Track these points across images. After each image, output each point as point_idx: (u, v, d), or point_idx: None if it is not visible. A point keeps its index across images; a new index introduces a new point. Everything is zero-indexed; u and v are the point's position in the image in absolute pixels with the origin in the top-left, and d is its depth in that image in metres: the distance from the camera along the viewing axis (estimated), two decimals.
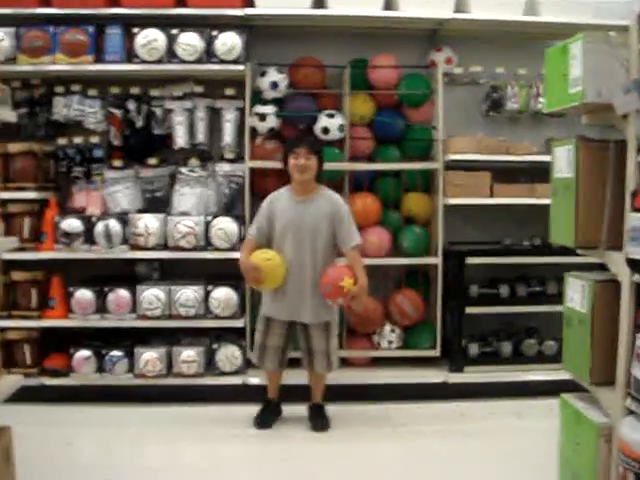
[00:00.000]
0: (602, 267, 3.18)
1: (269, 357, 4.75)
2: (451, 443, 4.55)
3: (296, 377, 4.92)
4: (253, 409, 4.84)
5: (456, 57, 5.63)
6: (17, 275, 5.21)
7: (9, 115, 3.35)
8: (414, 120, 5.50)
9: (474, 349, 5.47)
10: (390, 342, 5.46)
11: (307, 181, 4.63)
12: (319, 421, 4.77)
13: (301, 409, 4.88)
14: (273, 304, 4.68)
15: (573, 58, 2.88)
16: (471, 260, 5.31)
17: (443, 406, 5.19)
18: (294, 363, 4.90)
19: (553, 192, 3.24)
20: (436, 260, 5.39)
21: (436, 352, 5.46)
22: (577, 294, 3.08)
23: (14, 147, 5.20)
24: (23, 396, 3.70)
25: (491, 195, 5.42)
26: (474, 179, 5.41)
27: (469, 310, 5.38)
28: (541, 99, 5.56)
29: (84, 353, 5.16)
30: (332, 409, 4.94)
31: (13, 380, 3.33)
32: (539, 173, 5.24)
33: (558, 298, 5.12)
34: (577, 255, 3.25)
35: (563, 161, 3.10)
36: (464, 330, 5.44)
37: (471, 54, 5.68)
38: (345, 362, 5.54)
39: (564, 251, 3.43)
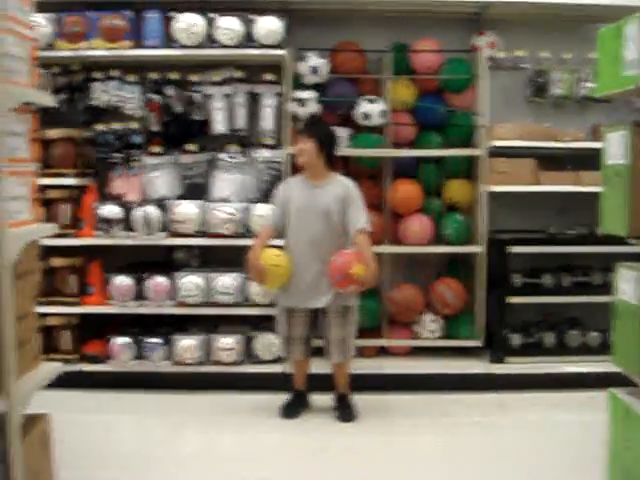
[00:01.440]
0: None
1: (296, 347, 4.72)
2: (491, 435, 4.48)
3: (325, 367, 4.84)
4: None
5: (500, 41, 5.53)
6: (56, 261, 5.22)
7: (48, 100, 3.32)
8: (456, 106, 5.41)
9: (516, 339, 5.38)
10: (431, 331, 5.39)
11: (310, 165, 4.61)
12: (344, 411, 4.73)
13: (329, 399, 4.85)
14: (291, 293, 4.64)
15: (628, 40, 2.77)
16: (514, 249, 5.21)
17: (484, 397, 5.12)
18: (320, 352, 4.83)
19: (604, 179, 3.12)
20: (478, 249, 5.30)
21: (477, 342, 5.38)
22: (629, 285, 2.97)
23: (53, 133, 5.21)
24: (62, 382, 3.69)
25: (535, 182, 5.31)
26: (518, 166, 5.32)
27: (511, 300, 5.28)
28: (587, 84, 5.46)
29: (122, 340, 5.16)
30: (370, 398, 4.89)
31: (52, 367, 3.31)
32: (585, 160, 5.15)
33: (603, 288, 5.11)
34: (624, 244, 3.14)
35: (616, 147, 2.99)
36: (506, 320, 5.35)
37: (515, 38, 5.57)
38: (385, 351, 5.50)
39: (610, 240, 3.32)
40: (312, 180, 4.63)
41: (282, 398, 4.83)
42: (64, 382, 3.84)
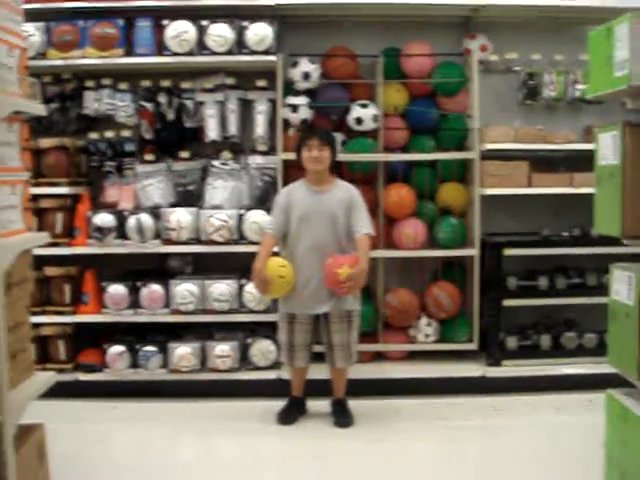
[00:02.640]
0: None
1: (298, 355, 4.70)
2: (489, 438, 4.47)
3: (321, 372, 4.84)
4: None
5: (491, 44, 5.54)
6: (50, 271, 5.21)
7: (39, 109, 3.32)
8: (449, 109, 5.40)
9: (512, 342, 5.37)
10: (427, 335, 5.38)
11: (321, 172, 4.61)
12: (341, 416, 4.72)
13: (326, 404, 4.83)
14: (293, 300, 4.62)
15: (619, 40, 2.77)
16: (509, 251, 5.21)
17: (480, 400, 5.11)
18: (317, 357, 4.84)
19: (597, 180, 3.13)
20: (473, 252, 5.29)
21: (473, 345, 5.37)
22: (623, 286, 2.97)
23: (46, 142, 5.20)
24: (57, 391, 3.68)
25: (529, 185, 5.32)
26: (511, 169, 5.31)
27: (507, 302, 5.28)
28: (579, 86, 5.46)
29: (118, 348, 5.15)
30: (367, 403, 4.89)
31: (47, 377, 3.30)
32: (578, 162, 5.16)
33: (598, 290, 5.12)
34: (618, 245, 3.14)
35: (608, 148, 2.99)
36: (502, 323, 5.34)
37: (506, 41, 5.58)
38: (381, 356, 5.49)
39: (604, 241, 3.33)
40: (316, 186, 4.62)
41: (279, 404, 4.81)
42: (59, 392, 3.83)
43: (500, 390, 5.17)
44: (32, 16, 5.13)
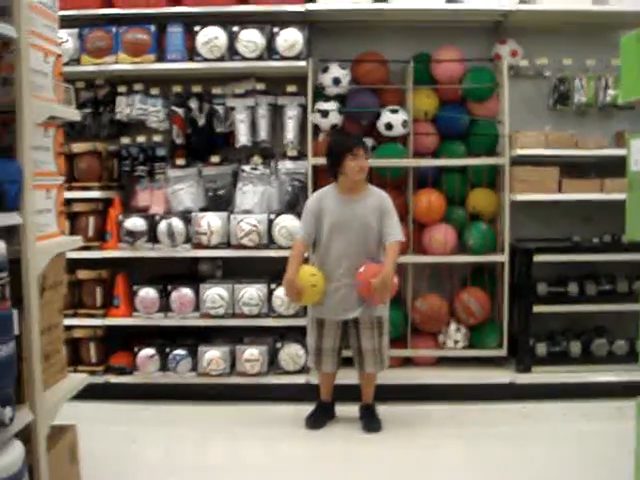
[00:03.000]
0: None
1: (326, 360, 4.69)
2: (517, 446, 4.44)
3: (349, 377, 4.84)
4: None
5: (521, 49, 5.51)
6: (82, 274, 5.27)
7: (74, 114, 3.37)
8: (479, 115, 5.39)
9: (542, 349, 5.34)
10: (456, 341, 5.37)
11: (361, 181, 4.61)
12: (369, 422, 4.71)
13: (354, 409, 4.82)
14: (323, 306, 4.62)
15: None
16: (539, 257, 5.18)
17: (509, 407, 5.08)
18: (346, 362, 4.84)
19: (629, 186, 3.10)
20: (503, 258, 5.27)
21: (503, 352, 5.34)
22: None
23: (79, 147, 5.26)
24: (88, 394, 3.73)
25: (559, 191, 5.28)
26: (541, 174, 5.28)
27: (537, 309, 5.24)
28: (610, 91, 5.42)
29: (148, 351, 5.19)
30: (395, 409, 4.88)
31: (79, 379, 3.35)
32: (609, 168, 5.12)
33: (629, 297, 5.07)
34: None
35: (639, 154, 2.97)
36: (532, 329, 5.30)
37: (537, 46, 5.55)
38: (410, 361, 5.48)
39: (635, 248, 3.31)
40: (348, 193, 4.60)
41: (307, 409, 4.83)
42: (90, 394, 3.88)
43: (529, 397, 5.14)
44: (66, 22, 5.17)
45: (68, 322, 5.08)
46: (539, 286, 5.31)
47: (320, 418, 4.78)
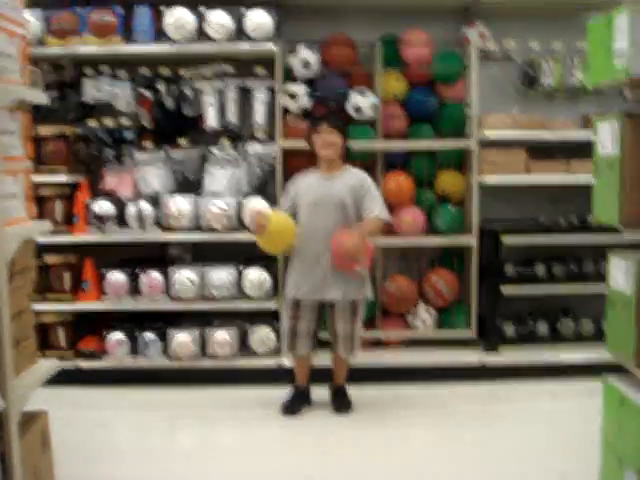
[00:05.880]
0: None
1: (301, 342, 4.67)
2: (486, 425, 4.51)
3: (326, 359, 4.85)
4: (287, 391, 4.82)
5: (489, 32, 5.53)
6: (50, 259, 5.23)
7: (42, 98, 3.33)
8: (448, 97, 5.41)
9: (510, 329, 5.40)
10: (424, 322, 5.40)
11: (332, 158, 4.59)
12: (341, 403, 4.75)
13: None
14: (300, 285, 4.59)
15: (618, 31, 2.78)
16: (507, 239, 5.22)
17: (478, 387, 5.15)
18: (322, 345, 4.84)
19: (596, 169, 3.14)
20: (471, 239, 5.32)
21: (471, 332, 5.40)
22: (621, 274, 3.00)
23: (45, 130, 5.20)
24: (58, 379, 3.72)
25: (527, 172, 5.33)
26: (509, 156, 5.33)
27: (505, 290, 5.30)
28: (577, 74, 5.46)
29: (118, 336, 5.17)
30: (364, 391, 4.90)
31: (50, 364, 3.33)
32: (575, 150, 5.17)
33: (595, 277, 5.14)
34: (615, 233, 3.16)
35: (606, 137, 3.00)
36: (499, 310, 5.37)
37: (505, 29, 5.58)
38: (379, 343, 5.51)
39: (602, 229, 3.34)
40: (326, 172, 4.61)
41: (278, 391, 4.84)
42: (60, 379, 3.86)
43: (498, 377, 5.21)
44: (30, 3, 5.13)
45: (37, 307, 5.07)
46: (507, 267, 5.36)
47: (295, 404, 4.76)
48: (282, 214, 4.55)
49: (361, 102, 5.24)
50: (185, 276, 5.17)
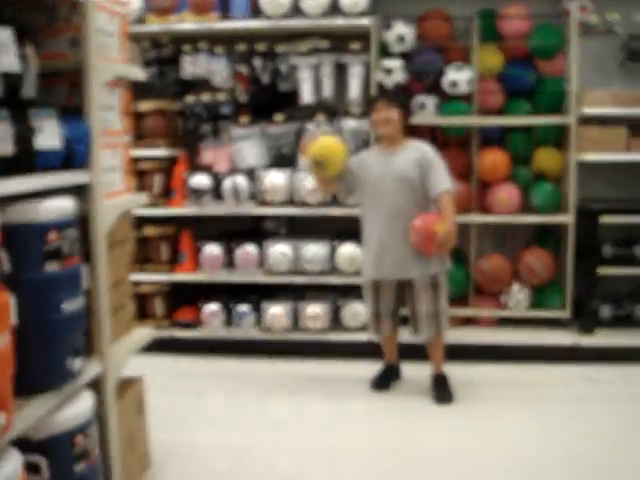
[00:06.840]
0: None
1: (384, 323, 4.62)
2: (579, 408, 4.41)
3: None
4: (377, 366, 4.83)
5: (591, 5, 5.36)
6: (149, 230, 5.39)
7: (140, 74, 3.41)
8: (546, 72, 5.29)
9: (606, 311, 5.28)
10: (518, 301, 5.33)
11: (392, 134, 4.49)
12: (442, 393, 4.54)
13: (421, 368, 4.76)
14: (377, 265, 4.50)
15: None
16: (605, 218, 5.09)
17: (571, 370, 5.04)
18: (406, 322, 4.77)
19: None
20: (568, 218, 5.20)
21: (566, 313, 5.29)
22: None
23: (145, 106, 5.34)
24: (155, 347, 3.84)
25: (627, 151, 5.18)
26: (609, 134, 5.18)
27: (602, 271, 5.18)
28: None
29: (213, 307, 5.29)
30: (453, 369, 4.82)
31: (146, 332, 3.44)
32: None
33: None
34: None
35: None
36: (596, 291, 5.25)
37: (607, 1, 5.38)
38: (471, 321, 5.47)
39: None
40: (386, 148, 4.53)
41: (369, 366, 4.87)
42: (156, 347, 3.99)
43: (592, 359, 5.10)
44: None
45: (135, 278, 5.24)
46: (604, 247, 5.23)
47: (385, 380, 4.75)
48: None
49: (457, 77, 5.17)
50: (279, 250, 5.24)
